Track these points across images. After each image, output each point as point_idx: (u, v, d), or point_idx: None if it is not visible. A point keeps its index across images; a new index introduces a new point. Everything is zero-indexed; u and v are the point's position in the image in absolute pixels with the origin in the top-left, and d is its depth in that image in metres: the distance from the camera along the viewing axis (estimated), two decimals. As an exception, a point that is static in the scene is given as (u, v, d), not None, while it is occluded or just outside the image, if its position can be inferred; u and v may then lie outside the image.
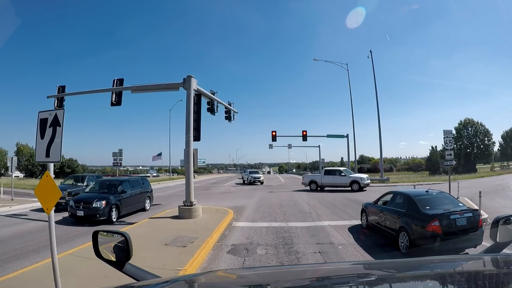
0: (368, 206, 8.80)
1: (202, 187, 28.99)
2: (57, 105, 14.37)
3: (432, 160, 54.34)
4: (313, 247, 6.82)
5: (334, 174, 21.49)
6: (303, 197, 17.22)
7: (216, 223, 9.16)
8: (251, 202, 14.81)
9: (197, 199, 16.77)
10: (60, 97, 14.38)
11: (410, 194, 7.13)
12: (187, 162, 10.18)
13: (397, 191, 7.95)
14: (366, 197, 16.16)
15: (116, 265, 1.53)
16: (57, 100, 14.41)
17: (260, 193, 20.06)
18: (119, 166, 30.77)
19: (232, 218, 10.37)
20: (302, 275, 1.44)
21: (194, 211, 9.92)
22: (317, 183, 21.57)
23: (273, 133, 30.57)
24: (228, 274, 1.70)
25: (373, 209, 8.29)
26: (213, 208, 12.41)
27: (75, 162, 52.87)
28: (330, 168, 24.79)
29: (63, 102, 14.59)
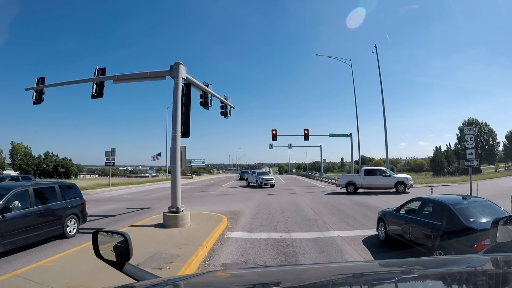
0: (387, 215, 7.35)
1: (198, 188, 27.55)
2: (36, 98, 12.98)
3: (436, 160, 52.92)
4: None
5: (376, 175, 19.56)
6: (306, 200, 15.76)
7: (206, 233, 7.72)
8: (248, 207, 13.37)
9: (189, 203, 15.31)
10: (39, 89, 12.96)
11: (446, 202, 5.68)
12: (174, 162, 8.74)
13: (426, 197, 6.49)
14: (376, 201, 14.78)
15: (116, 265, 1.52)
16: (36, 93, 13.00)
17: (259, 195, 18.60)
18: (111, 165, 29.50)
19: (225, 227, 8.92)
20: (302, 275, 1.43)
21: (180, 218, 8.47)
22: (355, 184, 19.46)
23: (273, 132, 29.15)
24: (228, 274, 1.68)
25: (395, 219, 6.84)
26: (205, 214, 10.95)
27: (69, 161, 51.45)
28: (371, 167, 22.38)
29: (43, 95, 13.19)
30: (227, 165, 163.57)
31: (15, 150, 61.29)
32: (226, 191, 23.10)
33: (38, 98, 12.97)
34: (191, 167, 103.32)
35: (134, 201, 17.62)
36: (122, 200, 18.39)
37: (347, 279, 1.30)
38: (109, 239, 1.69)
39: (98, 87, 11.68)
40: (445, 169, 50.98)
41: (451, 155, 54.59)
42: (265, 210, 12.13)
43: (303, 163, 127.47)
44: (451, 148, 57.39)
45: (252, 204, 14.11)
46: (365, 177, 19.58)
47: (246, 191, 22.89)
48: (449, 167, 51.35)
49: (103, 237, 1.70)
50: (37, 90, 12.96)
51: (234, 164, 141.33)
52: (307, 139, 28.90)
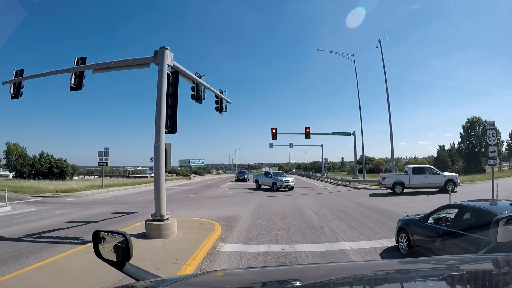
0: (411, 224, 6.10)
1: (194, 189, 26.31)
2: (13, 92, 11.78)
3: (440, 159, 51.59)
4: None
5: (424, 173, 18.41)
6: (309, 203, 14.52)
7: (194, 246, 6.48)
8: (246, 211, 12.13)
9: (183, 206, 14.08)
10: (17, 82, 11.77)
11: (495, 212, 4.45)
12: (157, 161, 7.50)
13: (464, 204, 5.22)
14: (384, 204, 13.55)
15: (116, 265, 1.52)
16: (14, 86, 11.80)
17: (258, 197, 17.36)
18: (104, 165, 28.29)
19: (218, 237, 7.68)
20: (303, 275, 1.41)
21: (165, 228, 7.23)
22: (403, 184, 18.28)
23: (273, 131, 27.92)
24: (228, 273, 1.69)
25: (423, 230, 5.59)
26: (196, 220, 9.71)
27: (64, 162, 49.98)
28: (419, 165, 20.94)
29: (21, 88, 11.99)
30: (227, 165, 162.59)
31: (10, 150, 59.95)
32: (224, 193, 21.86)
33: (16, 92, 11.80)
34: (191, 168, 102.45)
35: (125, 204, 16.39)
36: (112, 203, 17.17)
37: (347, 279, 1.29)
38: (110, 239, 1.68)
39: (78, 78, 10.49)
40: (449, 168, 49.84)
41: (455, 154, 53.39)
42: (264, 215, 10.89)
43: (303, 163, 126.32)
44: (454, 147, 56.22)
45: (250, 208, 12.87)
46: (413, 176, 18.33)
47: (245, 192, 21.65)
48: (453, 166, 50.24)
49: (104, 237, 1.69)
50: (15, 83, 11.78)
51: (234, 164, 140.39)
52: (309, 137, 27.66)
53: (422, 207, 12.74)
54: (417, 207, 12.69)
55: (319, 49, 28.77)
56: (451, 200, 11.46)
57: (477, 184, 22.84)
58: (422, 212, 11.70)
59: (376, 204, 13.62)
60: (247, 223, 9.41)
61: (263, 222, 9.62)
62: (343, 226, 8.95)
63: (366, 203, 14.12)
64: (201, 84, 10.77)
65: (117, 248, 1.57)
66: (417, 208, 12.39)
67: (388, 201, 14.74)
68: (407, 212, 11.89)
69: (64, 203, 17.72)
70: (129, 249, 1.49)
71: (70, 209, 14.91)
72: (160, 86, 7.87)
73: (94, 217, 12.17)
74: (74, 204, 17.10)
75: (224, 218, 10.39)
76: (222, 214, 11.28)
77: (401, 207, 12.99)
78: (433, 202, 14.26)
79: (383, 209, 12.39)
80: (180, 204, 15.02)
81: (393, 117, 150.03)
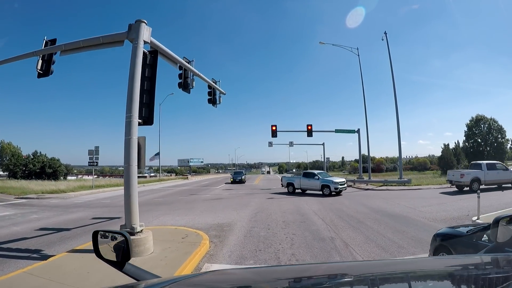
0: (457, 242, 4.56)
1: (189, 190, 24.79)
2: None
3: (445, 159, 50.05)
4: None
5: (496, 169, 17.56)
6: (313, 206, 13.01)
7: (170, 269, 4.97)
8: (242, 216, 10.61)
9: (171, 210, 12.53)
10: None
11: None
12: (127, 160, 5.96)
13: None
14: (397, 208, 11.98)
15: (116, 265, 1.51)
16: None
17: (256, 200, 15.83)
18: (95, 165, 26.78)
19: (204, 254, 6.16)
20: (303, 274, 1.43)
21: (136, 244, 5.69)
22: (480, 181, 17.09)
23: (273, 128, 26.40)
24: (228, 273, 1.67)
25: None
26: (181, 231, 8.17)
27: (57, 161, 48.45)
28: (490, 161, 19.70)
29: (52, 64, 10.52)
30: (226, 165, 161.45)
31: (4, 149, 58.57)
32: (220, 195, 20.33)
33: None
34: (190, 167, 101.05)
35: (110, 207, 14.88)
36: (96, 206, 15.68)
37: (347, 279, 1.28)
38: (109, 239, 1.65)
39: (45, 63, 9.02)
40: (454, 168, 48.28)
41: (460, 153, 51.88)
42: (263, 223, 9.37)
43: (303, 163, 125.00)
44: (459, 146, 54.73)
45: (247, 213, 11.35)
46: (488, 172, 17.22)
47: (243, 194, 20.13)
48: (458, 166, 48.68)
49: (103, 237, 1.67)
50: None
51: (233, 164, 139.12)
52: (311, 135, 26.14)
53: (441, 211, 11.27)
54: (435, 211, 11.22)
55: (321, 42, 27.25)
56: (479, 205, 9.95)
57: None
58: (443, 217, 10.29)
59: (388, 208, 12.12)
60: (242, 234, 7.88)
61: (261, 231, 8.10)
62: (357, 237, 7.44)
63: (377, 207, 12.62)
64: (189, 70, 9.26)
65: (117, 248, 1.56)
66: (435, 213, 10.91)
67: (400, 204, 13.24)
68: (426, 217, 10.41)
69: (45, 206, 16.26)
70: (129, 249, 1.49)
71: (48, 213, 13.44)
72: (134, 66, 6.35)
73: (69, 223, 10.71)
74: (55, 207, 15.62)
75: (216, 226, 8.88)
76: (214, 221, 9.78)
77: (417, 211, 11.50)
78: (449, 205, 12.78)
79: (397, 213, 10.90)
80: (169, 208, 13.51)
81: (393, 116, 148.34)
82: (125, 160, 6.02)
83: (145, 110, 6.43)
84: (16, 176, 43.10)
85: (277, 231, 8.09)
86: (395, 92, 24.65)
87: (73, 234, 8.97)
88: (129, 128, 6.01)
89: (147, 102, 6.50)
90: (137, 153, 6.02)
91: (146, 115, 6.43)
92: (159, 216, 11.39)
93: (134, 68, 6.34)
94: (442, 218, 9.91)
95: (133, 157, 5.97)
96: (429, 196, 16.69)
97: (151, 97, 6.57)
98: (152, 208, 13.60)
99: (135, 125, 6.06)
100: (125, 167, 6.01)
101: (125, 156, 6.03)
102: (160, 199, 17.82)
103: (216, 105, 11.42)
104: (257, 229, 8.37)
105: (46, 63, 8.95)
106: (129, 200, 5.97)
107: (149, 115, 6.44)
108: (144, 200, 17.54)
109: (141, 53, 6.50)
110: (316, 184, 18.66)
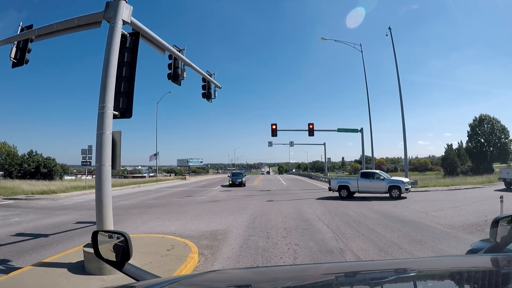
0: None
1: (185, 192, 23.81)
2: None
3: (449, 159, 49.15)
4: None
5: None
6: (316, 210, 12.03)
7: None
8: (239, 222, 9.63)
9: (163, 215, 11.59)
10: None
11: None
12: (99, 159, 4.97)
13: None
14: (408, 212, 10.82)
15: (116, 265, 1.50)
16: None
17: (254, 203, 14.85)
18: (88, 165, 25.83)
19: (191, 271, 5.19)
20: (303, 274, 1.42)
21: (108, 260, 4.73)
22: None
23: (273, 127, 25.43)
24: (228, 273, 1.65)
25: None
26: (168, 240, 7.19)
27: (53, 161, 47.48)
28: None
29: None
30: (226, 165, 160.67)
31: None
32: (216, 196, 19.35)
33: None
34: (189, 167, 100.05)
35: (98, 210, 13.91)
36: (84, 208, 14.70)
37: (347, 279, 1.28)
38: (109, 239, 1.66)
39: (20, 51, 8.10)
40: (458, 168, 47.48)
41: (464, 153, 50.96)
42: (262, 230, 8.38)
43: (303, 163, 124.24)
44: (462, 146, 53.81)
45: (244, 218, 10.36)
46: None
47: (241, 196, 19.15)
48: (462, 167, 47.85)
49: (103, 237, 1.67)
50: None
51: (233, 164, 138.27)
52: (312, 134, 25.17)
53: (456, 216, 10.29)
54: (450, 216, 10.26)
55: (323, 38, 26.25)
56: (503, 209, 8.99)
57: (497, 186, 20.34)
58: (460, 223, 9.27)
59: (399, 213, 11.15)
60: (238, 244, 6.90)
61: (259, 241, 7.12)
62: (369, 248, 6.47)
63: (385, 211, 11.65)
64: (180, 59, 8.29)
65: (117, 248, 1.55)
66: (451, 218, 9.94)
67: (410, 208, 12.28)
68: (442, 223, 9.41)
69: (31, 208, 15.33)
70: (129, 249, 1.48)
71: (31, 216, 12.50)
72: (110, 48, 5.38)
73: (50, 228, 9.79)
74: (41, 209, 14.69)
75: (208, 234, 7.91)
76: (207, 227, 8.81)
77: (430, 216, 10.53)
78: (462, 209, 11.82)
79: (409, 219, 9.94)
80: (161, 211, 12.54)
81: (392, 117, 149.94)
82: (97, 159, 5.05)
83: (123, 101, 5.46)
84: (12, 176, 42.32)
85: (277, 241, 7.10)
86: (400, 90, 23.70)
87: (50, 242, 8.05)
88: (102, 120, 5.04)
89: (126, 91, 5.53)
90: (111, 151, 5.05)
91: (124, 106, 5.46)
92: (148, 220, 10.43)
93: (110, 50, 5.37)
94: (459, 225, 8.94)
95: (106, 155, 4.99)
96: (438, 198, 15.73)
97: (131, 86, 5.60)
98: (142, 211, 12.63)
99: (109, 118, 5.09)
100: (96, 168, 5.04)
101: (97, 155, 5.05)
102: (153, 201, 16.85)
103: (211, 100, 10.46)
104: (255, 238, 7.39)
105: (21, 51, 8.04)
106: (100, 207, 4.99)
107: (127, 106, 5.47)
108: (137, 202, 16.58)
109: (119, 34, 5.54)
110: (380, 185, 15.73)
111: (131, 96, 5.54)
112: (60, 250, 7.01)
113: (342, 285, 1.22)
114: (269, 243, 6.92)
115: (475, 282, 1.16)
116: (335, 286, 1.19)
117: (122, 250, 1.49)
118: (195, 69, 9.13)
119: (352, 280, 1.26)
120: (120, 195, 21.26)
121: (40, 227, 10.18)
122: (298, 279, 1.29)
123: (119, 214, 12.34)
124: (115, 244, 1.56)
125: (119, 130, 5.38)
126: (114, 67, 5.34)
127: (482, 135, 54.86)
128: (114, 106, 5.33)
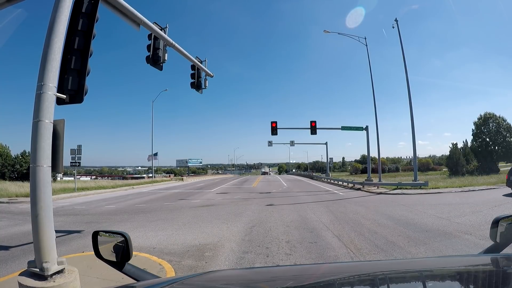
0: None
1: (180, 194, 22.41)
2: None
3: (454, 159, 47.66)
4: None
5: None
6: (323, 217, 10.63)
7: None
8: (233, 233, 8.22)
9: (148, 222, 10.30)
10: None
11: None
12: (34, 158, 3.61)
13: None
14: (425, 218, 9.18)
15: (116, 265, 1.51)
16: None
17: (253, 208, 13.43)
18: (77, 166, 24.48)
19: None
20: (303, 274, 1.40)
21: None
22: None
23: (273, 125, 24.07)
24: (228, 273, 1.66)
25: None
26: (139, 260, 5.77)
27: (46, 162, 46.26)
28: None
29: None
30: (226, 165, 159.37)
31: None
32: (212, 200, 17.94)
33: None
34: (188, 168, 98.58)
35: (80, 215, 12.55)
36: (65, 213, 13.33)
37: (347, 279, 1.26)
38: (109, 239, 1.64)
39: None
40: (464, 168, 46.09)
41: (469, 152, 49.56)
42: (260, 244, 6.97)
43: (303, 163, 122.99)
44: (467, 145, 52.43)
45: (240, 228, 8.95)
46: None
47: (238, 199, 17.74)
48: (467, 166, 46.47)
49: (103, 237, 1.65)
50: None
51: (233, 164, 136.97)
52: (315, 132, 23.78)
53: (483, 223, 8.79)
54: (476, 224, 8.83)
55: (325, 31, 24.85)
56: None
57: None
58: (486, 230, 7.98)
59: (417, 220, 9.76)
60: (229, 265, 5.48)
61: (257, 260, 5.71)
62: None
63: (401, 217, 10.27)
64: (161, 38, 6.91)
65: (117, 248, 1.55)
66: (478, 226, 8.50)
67: (428, 213, 10.90)
68: (469, 232, 7.98)
69: (8, 213, 13.98)
70: (129, 249, 1.48)
71: (4, 222, 11.16)
72: (57, 10, 4.00)
73: (17, 238, 8.48)
74: (19, 214, 13.32)
75: (195, 249, 6.51)
76: (195, 239, 7.41)
77: (454, 223, 9.15)
78: (487, 214, 10.41)
79: (431, 227, 8.55)
80: (147, 218, 11.15)
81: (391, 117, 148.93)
82: (32, 157, 3.66)
83: (73, 80, 4.07)
84: (4, 177, 41.12)
85: (279, 260, 5.71)
86: (409, 87, 22.33)
87: (9, 256, 6.77)
88: (39, 105, 3.65)
89: (77, 68, 4.14)
90: (51, 146, 3.66)
91: (74, 88, 4.07)
92: (129, 230, 9.03)
93: (57, 12, 3.99)
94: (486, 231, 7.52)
95: (43, 152, 3.60)
96: (454, 201, 14.32)
97: (84, 62, 4.21)
98: (126, 218, 11.25)
99: (50, 101, 3.70)
100: (31, 169, 3.65)
101: (32, 151, 3.66)
102: (142, 205, 15.46)
103: (201, 90, 9.08)
104: (252, 256, 5.98)
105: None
106: (36, 223, 3.61)
107: (78, 88, 4.08)
108: (124, 207, 15.18)
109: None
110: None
111: (83, 76, 4.15)
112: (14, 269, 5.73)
113: (342, 285, 1.19)
114: (268, 263, 5.52)
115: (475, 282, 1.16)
116: (335, 286, 1.17)
117: (122, 250, 1.50)
118: (181, 53, 7.74)
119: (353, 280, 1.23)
120: (109, 198, 19.87)
121: (6, 236, 8.83)
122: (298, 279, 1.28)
123: (98, 221, 10.98)
124: (115, 244, 1.56)
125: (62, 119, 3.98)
126: (60, 34, 3.95)
127: (487, 134, 53.60)
128: (61, 87, 3.96)
